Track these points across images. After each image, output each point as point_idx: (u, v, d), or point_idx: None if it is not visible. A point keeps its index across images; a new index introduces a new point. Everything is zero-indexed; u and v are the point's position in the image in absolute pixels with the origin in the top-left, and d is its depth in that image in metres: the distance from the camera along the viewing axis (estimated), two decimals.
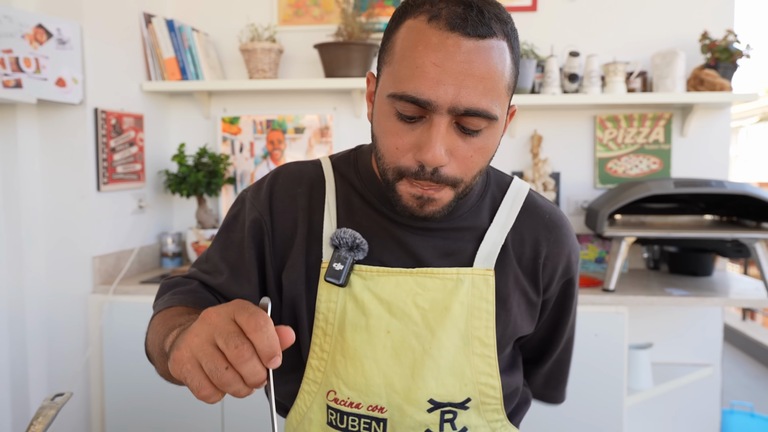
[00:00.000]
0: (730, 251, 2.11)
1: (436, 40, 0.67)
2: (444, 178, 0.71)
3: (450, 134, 0.70)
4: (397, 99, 0.69)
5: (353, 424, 0.81)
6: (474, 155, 0.72)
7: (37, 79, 1.93)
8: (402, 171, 0.72)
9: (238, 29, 2.53)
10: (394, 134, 0.71)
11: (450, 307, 0.80)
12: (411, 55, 0.68)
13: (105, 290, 2.08)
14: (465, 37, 0.66)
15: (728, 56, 2.17)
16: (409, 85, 0.68)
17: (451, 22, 0.66)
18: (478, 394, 0.82)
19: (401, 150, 0.71)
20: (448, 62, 0.66)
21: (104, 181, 2.13)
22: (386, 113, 0.71)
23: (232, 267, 0.85)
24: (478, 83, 0.67)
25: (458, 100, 0.67)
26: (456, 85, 0.67)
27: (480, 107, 0.68)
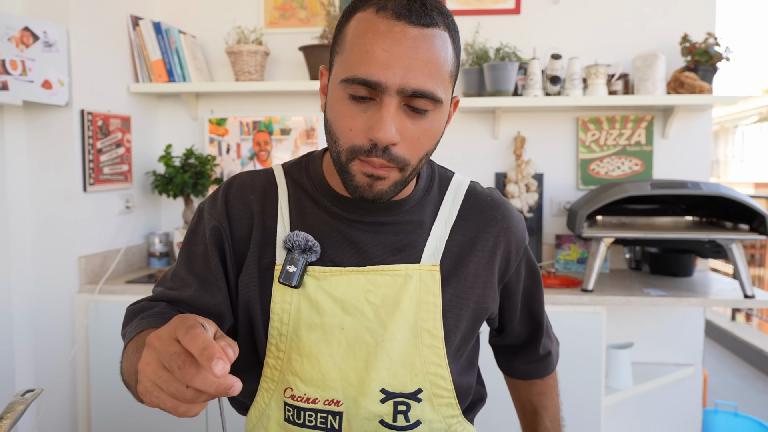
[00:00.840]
0: (709, 252, 2.13)
1: (384, 27, 0.72)
2: (394, 157, 0.74)
3: (399, 116, 0.74)
4: (349, 83, 0.73)
5: (310, 420, 0.83)
6: (421, 137, 0.76)
7: (23, 81, 1.96)
8: (355, 150, 0.75)
9: (224, 32, 2.55)
10: (348, 117, 0.74)
11: (400, 301, 0.83)
12: (361, 42, 0.73)
13: (91, 289, 2.11)
14: (410, 25, 0.71)
15: (708, 59, 2.19)
16: (360, 69, 0.72)
17: (397, 11, 0.71)
18: (429, 385, 0.84)
19: (354, 131, 0.74)
20: (396, 47, 0.71)
21: (91, 182, 2.16)
22: (339, 98, 0.75)
23: (199, 278, 0.87)
24: (423, 67, 0.72)
25: (406, 82, 0.71)
26: (404, 68, 0.71)
27: (426, 89, 0.72)
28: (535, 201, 2.42)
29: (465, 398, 0.92)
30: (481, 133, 2.51)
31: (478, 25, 2.41)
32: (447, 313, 0.86)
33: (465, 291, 0.87)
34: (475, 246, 0.88)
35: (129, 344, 0.78)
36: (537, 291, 1.01)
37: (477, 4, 2.46)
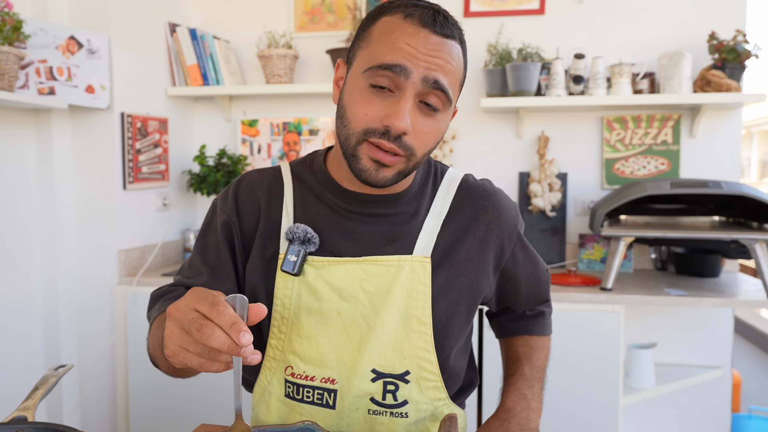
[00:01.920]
0: (734, 252, 2.11)
1: (410, 30, 0.80)
2: (404, 144, 0.81)
3: (414, 110, 0.81)
4: (374, 71, 0.80)
5: (308, 395, 0.90)
6: (429, 132, 0.84)
7: (68, 87, 2.11)
8: (369, 132, 0.81)
9: (256, 36, 2.66)
10: (366, 103, 0.81)
11: (392, 290, 0.89)
12: (388, 36, 0.81)
13: (129, 281, 2.24)
14: (434, 33, 0.80)
15: (735, 57, 2.16)
16: (387, 56, 0.80)
17: (423, 20, 0.80)
18: (416, 368, 0.90)
19: (370, 116, 0.81)
20: (420, 46, 0.80)
21: (130, 180, 2.30)
22: (360, 87, 0.82)
23: (211, 268, 0.95)
24: (443, 65, 0.81)
25: (429, 72, 0.80)
26: (426, 62, 0.80)
27: (444, 83, 0.81)
28: (558, 200, 2.43)
29: (455, 382, 0.97)
30: (505, 132, 2.53)
31: (501, 26, 2.44)
32: (439, 299, 0.92)
33: (456, 277, 0.93)
34: (467, 234, 0.94)
35: (153, 323, 0.87)
36: (538, 272, 1.07)
37: (501, 5, 2.49)
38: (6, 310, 2.06)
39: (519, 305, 1.08)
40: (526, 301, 1.08)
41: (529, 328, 1.10)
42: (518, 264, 1.01)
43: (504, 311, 1.13)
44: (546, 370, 1.07)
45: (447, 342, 0.93)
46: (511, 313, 1.12)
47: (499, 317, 1.14)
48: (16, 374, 2.09)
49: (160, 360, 0.83)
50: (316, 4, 2.65)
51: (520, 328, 1.11)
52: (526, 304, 1.09)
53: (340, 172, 0.92)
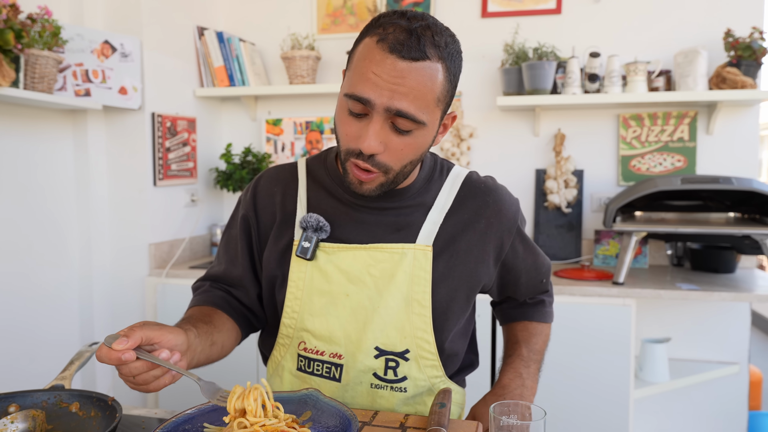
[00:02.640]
0: (748, 248, 2.12)
1: (378, 57, 0.84)
2: (377, 163, 0.88)
3: (385, 130, 0.86)
4: (348, 98, 0.87)
5: (317, 369, 0.99)
6: (404, 149, 0.88)
7: (103, 88, 2.23)
8: (349, 152, 0.89)
9: (280, 38, 2.76)
10: (346, 124, 0.89)
11: (395, 275, 0.97)
12: (360, 65, 0.86)
13: (159, 273, 2.36)
14: (400, 59, 0.83)
15: (751, 54, 2.17)
16: (356, 88, 0.85)
17: (392, 46, 0.83)
18: (415, 347, 0.97)
19: (349, 136, 0.88)
20: (385, 75, 0.83)
21: (160, 177, 2.41)
22: (342, 107, 0.89)
23: (230, 258, 1.08)
24: (408, 93, 0.84)
25: (391, 103, 0.83)
26: (390, 92, 0.83)
27: (408, 111, 0.84)
28: (573, 197, 2.47)
29: (453, 363, 1.04)
30: (522, 130, 2.58)
31: (517, 25, 2.49)
32: (439, 285, 0.98)
33: (457, 266, 0.99)
34: (468, 227, 1.00)
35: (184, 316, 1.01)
36: (538, 263, 1.12)
37: (518, 5, 2.54)
38: (45, 299, 2.19)
39: (520, 294, 1.14)
40: (527, 290, 1.14)
41: (529, 315, 1.16)
42: (518, 256, 1.08)
43: (506, 300, 1.19)
44: (544, 354, 1.13)
45: (446, 325, 1.00)
46: (512, 301, 1.18)
47: (502, 305, 1.21)
48: (53, 358, 2.22)
49: None
50: (338, 7, 2.73)
51: (521, 315, 1.17)
52: (526, 293, 1.15)
53: None
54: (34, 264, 2.14)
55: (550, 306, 1.19)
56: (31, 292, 2.13)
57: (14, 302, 2.07)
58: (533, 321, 1.16)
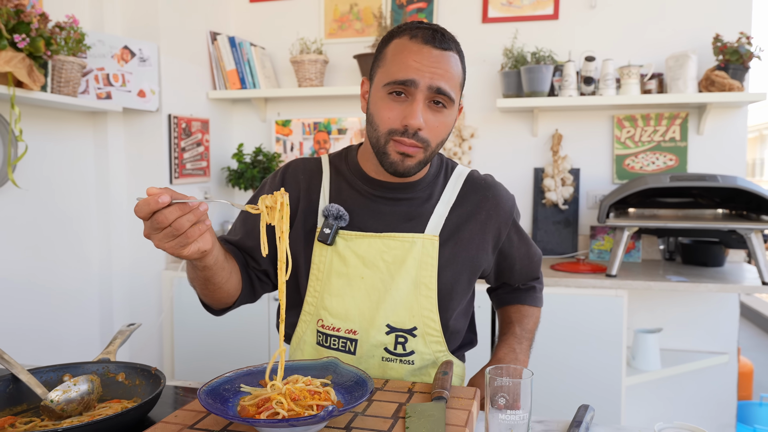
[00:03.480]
0: (734, 242, 2.23)
1: (416, 48, 1.01)
2: (421, 138, 1.01)
3: (425, 110, 1.01)
4: (391, 85, 1.00)
5: (334, 343, 1.11)
6: (439, 126, 1.03)
7: (123, 92, 2.35)
8: (392, 131, 1.02)
9: (289, 43, 2.88)
10: (388, 109, 1.02)
11: (406, 261, 1.09)
12: (399, 56, 1.01)
13: (175, 267, 2.48)
14: (434, 48, 1.00)
15: (738, 58, 2.29)
16: (400, 73, 1.00)
17: (425, 38, 1.00)
18: (422, 325, 1.10)
19: (392, 118, 1.01)
20: (425, 60, 1.00)
21: (176, 175, 2.54)
22: (381, 97, 1.02)
23: (246, 230, 1.18)
24: (444, 74, 1.00)
25: (433, 81, 0.99)
26: (430, 74, 0.99)
27: (446, 88, 1.00)
28: (570, 194, 2.58)
29: (456, 339, 1.16)
30: (521, 131, 2.70)
31: (516, 31, 2.61)
32: (445, 270, 1.11)
33: (460, 252, 1.12)
34: (470, 218, 1.13)
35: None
36: (531, 253, 1.25)
37: (517, 11, 2.65)
38: (67, 293, 2.32)
39: (514, 280, 1.27)
40: (520, 276, 1.26)
41: (522, 299, 1.28)
42: (513, 245, 1.20)
43: (501, 285, 1.31)
44: (534, 333, 1.25)
45: (450, 305, 1.12)
46: (507, 287, 1.31)
47: (497, 291, 1.33)
48: (76, 349, 2.35)
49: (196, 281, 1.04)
50: (344, 12, 2.85)
51: (514, 299, 1.29)
52: (519, 279, 1.27)
53: (369, 164, 1.13)
54: (57, 258, 2.26)
55: (540, 292, 1.32)
56: (54, 286, 2.25)
57: (38, 296, 2.19)
58: (525, 304, 1.28)
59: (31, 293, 2.16)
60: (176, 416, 0.86)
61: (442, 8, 2.74)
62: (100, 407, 0.95)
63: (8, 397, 0.97)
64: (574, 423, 0.91)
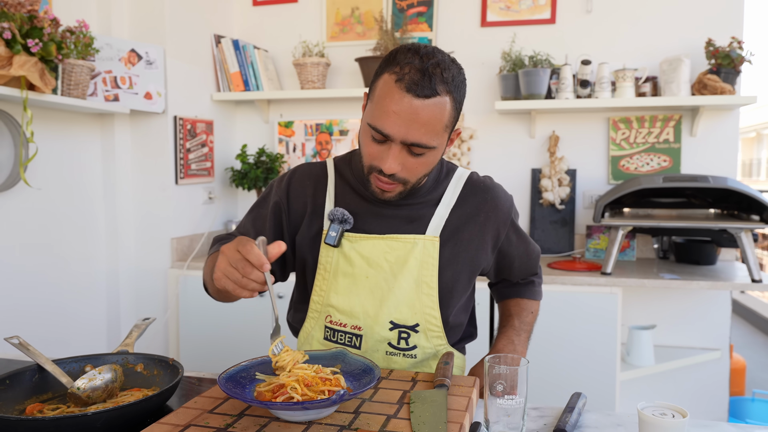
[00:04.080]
0: (726, 241, 2.30)
1: (397, 96, 1.00)
2: (396, 178, 1.07)
3: (402, 155, 1.04)
4: (371, 128, 1.05)
5: (341, 338, 1.17)
6: (419, 167, 1.07)
7: (130, 94, 2.41)
8: (371, 168, 1.09)
9: (292, 46, 2.94)
10: (369, 146, 1.07)
11: (408, 261, 1.15)
12: (381, 102, 1.02)
13: (180, 266, 2.54)
14: (415, 97, 0.99)
15: (730, 62, 2.35)
16: (378, 122, 1.02)
17: (408, 86, 0.99)
18: (424, 321, 1.16)
19: (371, 155, 1.07)
20: (403, 113, 1.00)
21: (181, 176, 2.59)
22: (366, 132, 1.08)
23: (256, 231, 1.24)
24: (421, 127, 1.01)
25: (407, 137, 1.01)
26: (405, 128, 1.01)
27: (421, 142, 1.02)
28: (567, 194, 2.65)
29: (456, 333, 1.22)
30: (518, 132, 2.76)
31: (514, 35, 2.67)
32: (445, 269, 1.16)
33: (460, 252, 1.17)
34: (470, 219, 1.19)
35: (209, 258, 1.15)
36: (529, 250, 1.31)
37: (515, 15, 2.72)
38: (75, 289, 2.37)
39: (513, 276, 1.33)
40: (519, 273, 1.33)
41: (521, 293, 1.34)
42: (512, 244, 1.26)
43: (502, 280, 1.37)
44: (533, 326, 1.31)
45: (450, 302, 1.18)
46: (507, 281, 1.37)
47: (498, 285, 1.39)
48: (84, 343, 2.41)
49: (209, 284, 1.11)
50: (346, 16, 2.91)
51: (514, 293, 1.35)
52: (519, 275, 1.33)
53: None
54: (66, 256, 2.32)
55: (539, 286, 1.38)
56: (63, 282, 2.31)
57: (48, 291, 2.25)
58: (524, 298, 1.34)
59: (41, 288, 2.21)
60: (195, 402, 0.92)
61: (442, 12, 2.80)
62: (122, 395, 1.01)
63: (34, 386, 1.03)
64: (567, 409, 0.97)
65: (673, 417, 0.74)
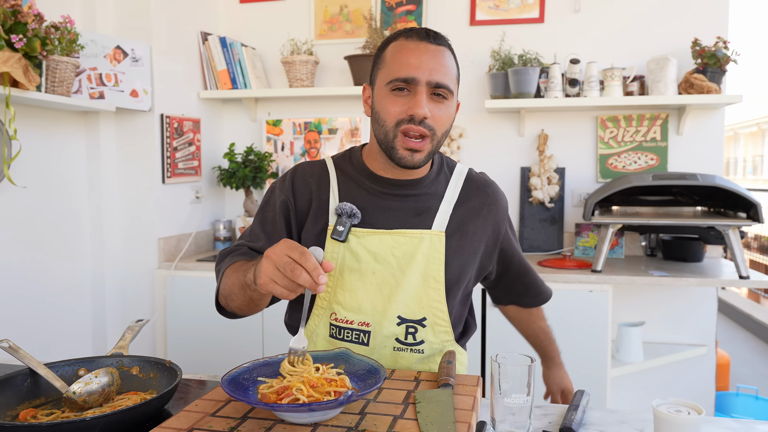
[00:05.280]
0: (713, 238, 2.32)
1: (413, 45, 1.09)
2: (427, 125, 1.08)
3: (428, 102, 1.08)
4: (393, 82, 1.07)
5: (347, 335, 1.16)
6: (443, 116, 1.10)
7: (115, 91, 2.37)
8: (399, 122, 1.09)
9: (280, 43, 2.91)
10: (393, 104, 1.09)
11: (415, 256, 1.15)
12: (399, 56, 1.09)
13: (168, 266, 2.50)
14: (429, 43, 1.09)
15: (716, 62, 2.38)
16: (401, 72, 1.07)
17: (420, 36, 1.10)
18: (431, 316, 1.15)
19: (397, 112, 1.08)
20: (423, 56, 1.08)
21: (168, 175, 2.55)
22: (385, 95, 1.10)
23: (268, 235, 1.22)
24: (441, 68, 1.08)
25: (431, 76, 1.07)
26: (429, 69, 1.07)
27: (444, 82, 1.08)
28: (556, 192, 2.66)
29: (458, 325, 1.23)
30: (508, 131, 2.77)
31: (503, 33, 2.67)
32: (451, 263, 1.17)
33: (465, 246, 1.19)
34: (473, 213, 1.21)
35: (227, 270, 1.13)
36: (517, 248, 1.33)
37: (504, 14, 2.72)
38: (60, 289, 2.32)
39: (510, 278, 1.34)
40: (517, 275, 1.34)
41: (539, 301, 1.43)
42: (509, 241, 1.29)
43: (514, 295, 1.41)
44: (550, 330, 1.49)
45: (456, 296, 1.19)
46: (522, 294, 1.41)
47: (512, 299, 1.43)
48: (68, 346, 2.36)
49: (236, 295, 1.08)
50: (334, 14, 2.89)
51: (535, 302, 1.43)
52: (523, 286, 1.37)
53: (375, 163, 1.18)
54: (50, 256, 2.27)
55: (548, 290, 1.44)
56: (47, 283, 2.26)
57: (31, 292, 2.20)
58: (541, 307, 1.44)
59: (24, 289, 2.16)
60: (197, 405, 0.90)
61: (431, 11, 2.79)
62: (118, 399, 0.98)
63: (27, 391, 1.00)
64: (571, 407, 0.96)
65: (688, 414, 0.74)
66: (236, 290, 1.07)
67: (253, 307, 1.11)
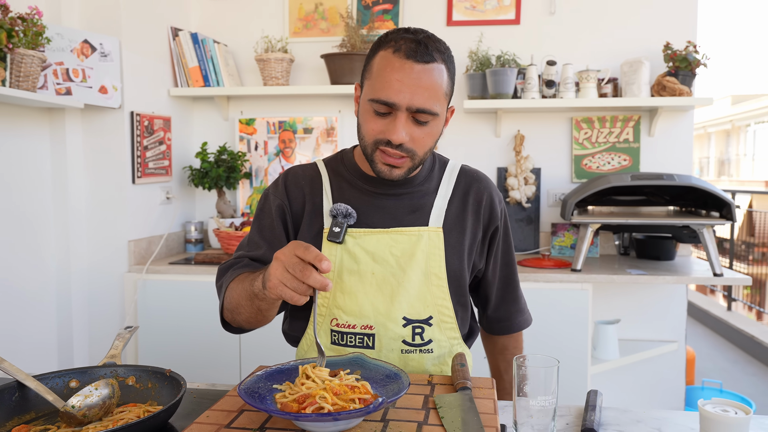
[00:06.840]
0: (686, 237, 2.39)
1: (397, 64, 1.02)
2: (406, 149, 1.05)
3: (408, 124, 1.04)
4: (374, 102, 1.04)
5: (350, 340, 1.12)
6: (424, 137, 1.07)
7: (83, 87, 2.26)
8: (377, 142, 1.06)
9: (254, 41, 2.84)
10: (373, 122, 1.06)
11: (414, 253, 1.13)
12: (382, 74, 1.04)
13: (139, 269, 2.40)
14: (415, 62, 1.02)
15: (687, 65, 2.45)
16: (382, 93, 1.03)
17: (407, 53, 1.02)
18: (437, 313, 1.13)
19: (376, 131, 1.06)
20: (406, 79, 1.02)
21: (138, 175, 2.45)
22: (368, 111, 1.06)
23: (268, 242, 1.18)
24: (424, 92, 1.02)
25: (412, 102, 1.02)
26: (411, 93, 1.02)
27: (425, 107, 1.03)
28: (532, 192, 2.68)
29: (464, 323, 1.21)
30: (485, 131, 2.78)
31: (481, 34, 2.68)
32: (451, 257, 1.15)
33: (462, 240, 1.17)
34: (467, 208, 1.20)
35: (231, 284, 1.08)
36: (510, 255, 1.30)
37: (481, 15, 2.73)
38: (23, 294, 2.20)
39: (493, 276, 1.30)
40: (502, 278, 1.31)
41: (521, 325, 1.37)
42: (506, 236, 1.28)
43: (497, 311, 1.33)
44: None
45: (459, 290, 1.18)
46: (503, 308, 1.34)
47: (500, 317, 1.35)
48: (32, 356, 2.23)
49: (244, 307, 1.04)
50: (309, 12, 2.84)
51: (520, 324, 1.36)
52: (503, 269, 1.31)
53: (367, 163, 1.16)
54: (10, 261, 2.15)
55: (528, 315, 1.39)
56: (8, 289, 2.14)
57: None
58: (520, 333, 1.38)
59: None
60: (208, 416, 0.86)
61: (408, 10, 2.78)
62: (118, 411, 0.92)
63: (15, 406, 0.93)
64: (589, 407, 0.96)
65: (735, 414, 0.74)
66: (243, 302, 1.03)
67: (261, 319, 1.07)
